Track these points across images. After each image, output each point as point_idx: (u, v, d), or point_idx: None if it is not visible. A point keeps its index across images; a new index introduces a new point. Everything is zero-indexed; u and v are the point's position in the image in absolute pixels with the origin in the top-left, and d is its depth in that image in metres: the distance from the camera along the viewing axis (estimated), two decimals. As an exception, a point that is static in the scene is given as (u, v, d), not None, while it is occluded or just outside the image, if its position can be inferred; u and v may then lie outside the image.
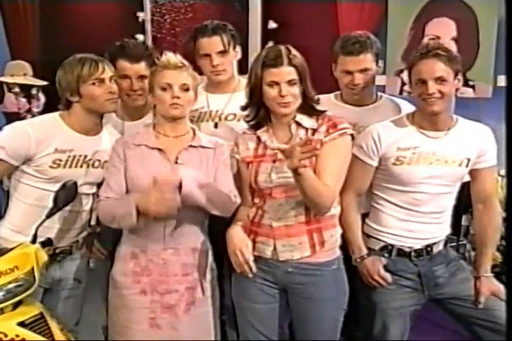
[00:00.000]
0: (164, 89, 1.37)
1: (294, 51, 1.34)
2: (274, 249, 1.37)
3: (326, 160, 1.34)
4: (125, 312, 1.41)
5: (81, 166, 1.48)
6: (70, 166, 1.47)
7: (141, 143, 1.41)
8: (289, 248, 1.36)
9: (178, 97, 1.36)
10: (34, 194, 1.47)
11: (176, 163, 1.40)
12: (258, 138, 1.40)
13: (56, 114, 1.51)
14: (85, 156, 1.49)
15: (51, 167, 1.44)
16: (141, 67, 1.61)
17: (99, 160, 1.52)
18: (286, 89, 1.30)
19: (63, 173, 1.46)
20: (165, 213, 1.32)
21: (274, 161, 1.36)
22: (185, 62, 1.41)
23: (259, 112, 1.38)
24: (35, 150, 1.42)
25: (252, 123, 1.41)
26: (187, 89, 1.38)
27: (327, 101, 1.52)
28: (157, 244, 1.40)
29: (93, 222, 1.69)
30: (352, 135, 1.39)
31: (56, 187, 1.43)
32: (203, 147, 1.43)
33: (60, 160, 1.45)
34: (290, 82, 1.31)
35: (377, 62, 1.63)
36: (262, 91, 1.33)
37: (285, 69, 1.31)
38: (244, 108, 1.42)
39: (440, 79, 1.37)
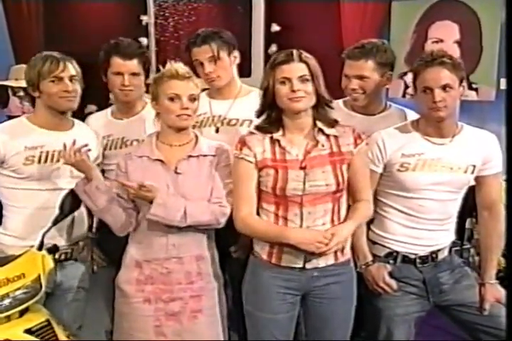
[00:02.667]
0: (172, 100, 1.37)
1: (305, 53, 1.35)
2: (305, 258, 1.34)
3: (361, 174, 1.38)
4: (130, 320, 1.41)
5: (57, 160, 1.50)
6: (46, 161, 1.49)
7: (143, 154, 1.42)
8: (315, 256, 1.34)
9: (187, 108, 1.37)
10: (19, 196, 1.49)
11: (176, 172, 1.40)
12: (275, 141, 1.36)
13: (22, 116, 1.56)
14: (60, 151, 1.49)
15: (24, 164, 1.47)
16: (134, 64, 1.64)
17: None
18: (297, 85, 1.29)
19: (40, 169, 1.48)
20: None
21: (301, 168, 1.33)
22: (191, 72, 1.41)
23: (272, 114, 1.36)
24: (3, 151, 1.46)
25: (264, 125, 1.37)
26: (194, 99, 1.39)
27: (336, 107, 1.50)
28: (160, 253, 1.40)
29: (91, 225, 1.69)
30: None
31: (40, 184, 1.47)
32: (204, 155, 1.42)
33: (33, 156, 1.48)
34: (301, 78, 1.30)
35: (383, 74, 1.59)
36: (274, 92, 1.32)
37: (296, 65, 1.31)
38: (259, 113, 1.39)
39: (446, 87, 1.37)
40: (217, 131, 1.71)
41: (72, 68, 1.50)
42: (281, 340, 1.40)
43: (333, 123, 1.37)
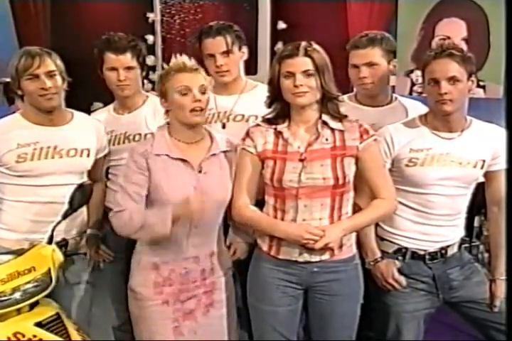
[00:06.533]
0: (183, 94, 1.32)
1: (315, 46, 1.33)
2: (299, 251, 1.34)
3: (372, 171, 1.36)
4: (149, 324, 1.38)
5: (52, 157, 1.48)
6: (39, 158, 1.47)
7: (161, 152, 1.35)
8: (309, 250, 1.33)
9: (200, 100, 1.33)
10: (15, 191, 1.48)
11: (200, 172, 1.36)
12: (279, 133, 1.36)
13: (17, 112, 1.52)
14: (55, 147, 1.48)
15: (17, 162, 1.45)
16: (127, 58, 1.62)
17: (75, 149, 1.52)
18: (300, 80, 1.29)
19: (33, 166, 1.46)
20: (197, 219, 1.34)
21: (300, 160, 1.33)
22: (198, 65, 1.39)
23: (278, 106, 1.37)
24: None
25: (270, 117, 1.38)
26: (204, 92, 1.35)
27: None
28: (179, 254, 1.38)
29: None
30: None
31: (35, 181, 1.46)
32: (223, 151, 1.41)
33: (26, 154, 1.45)
34: (305, 73, 1.30)
35: (389, 61, 1.63)
36: (279, 85, 1.33)
37: (300, 60, 1.30)
38: (268, 105, 1.39)
39: (453, 80, 1.36)
40: (223, 126, 1.71)
41: (51, 63, 1.44)
42: (282, 332, 1.39)
43: (340, 117, 1.36)
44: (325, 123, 1.35)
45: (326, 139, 1.34)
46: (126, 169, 1.37)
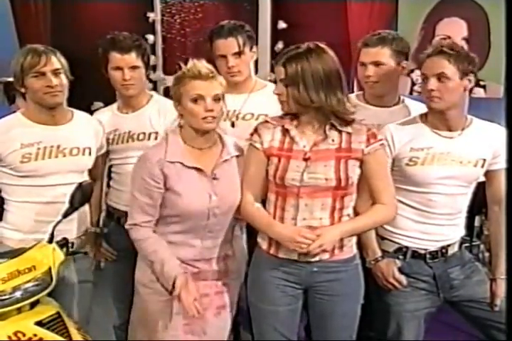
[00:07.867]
0: (195, 101, 1.31)
1: (298, 50, 1.31)
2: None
3: (376, 175, 1.36)
4: (162, 318, 1.38)
5: (56, 156, 1.48)
6: (43, 158, 1.47)
7: (175, 160, 1.34)
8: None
9: (212, 110, 1.31)
10: (20, 192, 1.48)
11: (214, 178, 1.36)
12: (286, 131, 1.36)
13: (18, 112, 1.52)
14: (58, 146, 1.48)
15: (22, 162, 1.45)
16: (132, 57, 1.62)
17: (77, 148, 1.52)
18: (277, 87, 1.34)
19: (38, 166, 1.47)
20: None
21: (304, 160, 1.33)
22: (214, 71, 1.36)
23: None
24: (0, 149, 1.44)
25: (280, 115, 1.39)
26: (218, 100, 1.33)
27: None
28: (192, 255, 1.39)
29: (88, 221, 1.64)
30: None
31: (39, 181, 1.46)
32: (234, 156, 1.41)
33: (30, 154, 1.45)
34: (281, 81, 1.32)
35: (399, 62, 1.61)
36: None
37: (278, 69, 1.33)
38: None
39: (441, 77, 1.35)
40: (232, 125, 1.71)
41: (57, 61, 1.45)
42: (282, 332, 1.39)
43: (349, 121, 1.35)
44: (333, 125, 1.35)
45: (333, 140, 1.34)
46: (140, 180, 1.34)
